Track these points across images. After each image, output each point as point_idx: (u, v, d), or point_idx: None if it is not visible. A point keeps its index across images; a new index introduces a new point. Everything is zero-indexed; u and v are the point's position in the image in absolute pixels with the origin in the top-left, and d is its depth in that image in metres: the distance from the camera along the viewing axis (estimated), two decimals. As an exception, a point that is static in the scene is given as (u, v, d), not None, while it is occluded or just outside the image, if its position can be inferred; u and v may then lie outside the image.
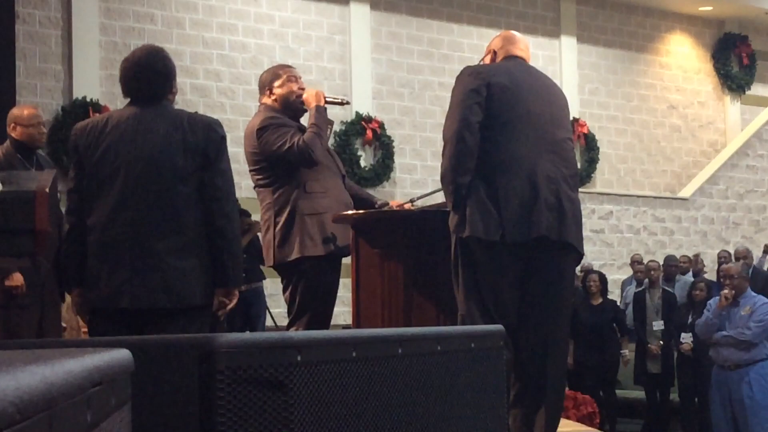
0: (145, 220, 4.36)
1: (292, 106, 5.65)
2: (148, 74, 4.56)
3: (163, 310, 4.35)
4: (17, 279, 5.95)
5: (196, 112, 4.86)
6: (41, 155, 6.50)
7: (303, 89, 5.74)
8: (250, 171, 5.58)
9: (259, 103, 5.81)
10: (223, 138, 4.54)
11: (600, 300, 12.33)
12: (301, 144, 5.36)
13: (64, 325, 7.38)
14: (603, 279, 12.58)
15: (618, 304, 13.10)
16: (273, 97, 5.64)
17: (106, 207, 4.40)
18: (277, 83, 5.67)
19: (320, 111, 5.62)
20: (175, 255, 4.33)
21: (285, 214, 5.39)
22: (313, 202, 5.44)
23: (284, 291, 5.52)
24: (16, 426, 0.69)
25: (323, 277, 5.47)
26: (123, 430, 1.42)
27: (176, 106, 4.80)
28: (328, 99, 5.82)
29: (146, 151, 4.39)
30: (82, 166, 4.50)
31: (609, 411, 12.31)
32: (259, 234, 8.09)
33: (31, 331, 6.11)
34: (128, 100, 4.62)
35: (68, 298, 6.44)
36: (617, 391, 12.35)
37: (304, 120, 5.69)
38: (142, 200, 4.37)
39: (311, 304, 5.44)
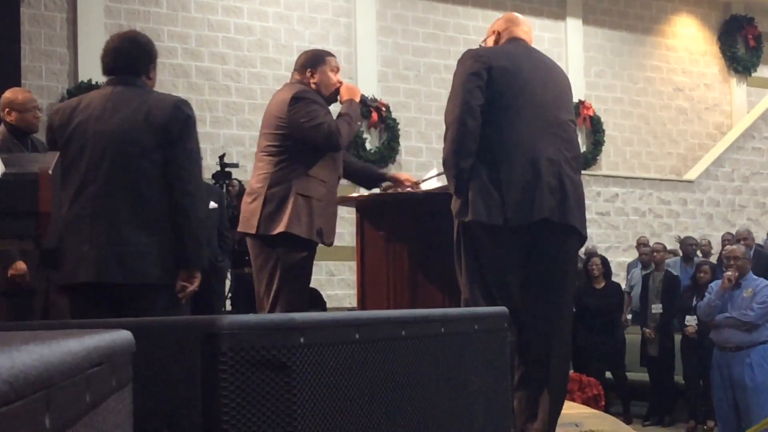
0: (107, 195, 4.36)
1: (327, 95, 5.61)
2: (129, 46, 4.65)
3: (121, 285, 4.34)
4: (20, 267, 5.96)
5: (168, 94, 4.86)
6: (36, 139, 6.47)
7: (341, 82, 5.71)
8: (264, 134, 5.48)
9: (291, 79, 5.74)
10: (189, 117, 4.52)
11: (603, 283, 12.33)
12: (332, 125, 5.33)
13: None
14: (605, 262, 12.57)
15: (623, 287, 13.10)
16: (314, 80, 5.58)
17: (73, 184, 4.42)
18: (321, 67, 5.62)
19: (354, 105, 5.60)
20: (135, 231, 4.32)
21: (279, 188, 5.31)
22: (311, 186, 5.38)
23: (258, 262, 5.41)
24: (11, 405, 0.69)
25: (302, 256, 5.39)
26: (124, 411, 1.42)
27: (181, 89, 4.82)
28: (362, 98, 5.83)
29: (111, 128, 4.41)
30: (55, 145, 4.53)
31: (620, 393, 12.35)
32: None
33: (36, 316, 6.12)
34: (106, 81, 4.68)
35: None
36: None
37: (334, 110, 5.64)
38: (105, 176, 4.38)
39: (291, 282, 5.36)
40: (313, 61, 5.65)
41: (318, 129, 5.31)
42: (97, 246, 4.32)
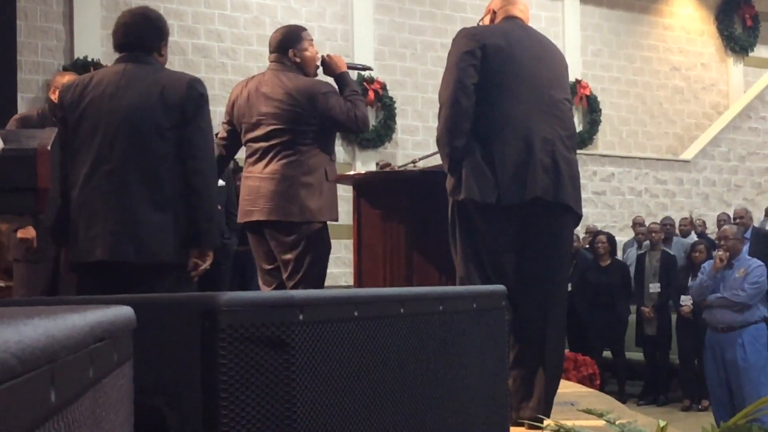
0: (121, 173, 4.36)
1: (311, 71, 5.61)
2: (141, 21, 4.65)
3: (134, 264, 4.34)
4: (30, 231, 6.01)
5: (182, 72, 4.86)
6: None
7: (317, 52, 5.70)
8: (276, 127, 5.42)
9: (270, 61, 5.70)
10: (203, 96, 4.53)
11: (608, 261, 12.39)
12: (359, 113, 5.37)
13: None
14: (611, 240, 12.64)
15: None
16: (297, 59, 5.55)
17: (86, 162, 4.42)
18: (301, 45, 5.60)
19: (347, 77, 5.62)
20: (149, 210, 4.32)
21: (314, 175, 5.32)
22: (333, 170, 5.44)
23: (286, 247, 5.42)
24: (18, 378, 0.69)
25: (328, 239, 5.46)
26: (125, 386, 1.42)
27: (177, 66, 4.83)
28: (349, 64, 5.81)
29: (125, 106, 4.41)
30: (66, 122, 4.53)
31: (616, 373, 12.41)
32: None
33: (40, 288, 6.16)
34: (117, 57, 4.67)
35: None
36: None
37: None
38: (119, 154, 4.38)
39: (319, 269, 5.41)
40: (292, 39, 5.62)
41: (353, 120, 5.35)
42: (111, 224, 4.32)
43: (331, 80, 5.65)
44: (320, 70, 5.71)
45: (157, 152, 4.37)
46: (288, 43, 5.59)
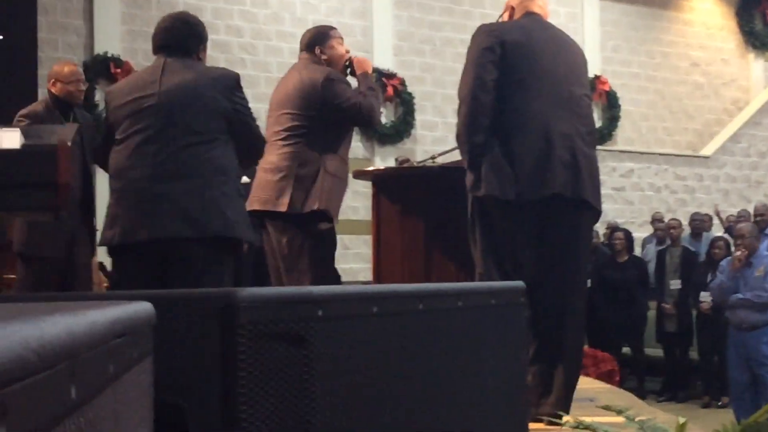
0: (168, 159, 4.41)
1: (338, 69, 5.64)
2: (181, 26, 4.73)
3: (187, 240, 4.37)
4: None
5: (217, 66, 4.99)
6: (78, 111, 6.57)
7: (348, 52, 5.75)
8: (286, 114, 5.49)
9: (300, 58, 5.76)
10: (236, 79, 4.67)
11: (626, 257, 12.37)
12: (366, 104, 5.39)
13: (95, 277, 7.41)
14: (629, 236, 12.62)
15: (643, 262, 13.14)
16: (324, 56, 5.62)
17: (128, 149, 4.47)
18: (329, 43, 5.67)
19: (371, 78, 5.67)
20: (198, 190, 4.37)
21: (309, 167, 5.35)
22: (339, 166, 5.44)
23: (284, 240, 5.43)
24: (38, 375, 0.69)
25: (331, 233, 5.45)
26: (145, 382, 1.43)
27: (197, 62, 4.90)
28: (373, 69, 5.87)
29: (168, 91, 4.48)
30: (109, 120, 4.65)
31: (635, 369, 12.38)
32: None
33: (53, 285, 6.15)
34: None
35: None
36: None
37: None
38: (164, 140, 4.43)
39: (321, 258, 5.40)
40: (320, 37, 5.71)
41: (357, 109, 5.37)
42: (160, 204, 4.36)
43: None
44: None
45: (201, 135, 4.44)
46: (315, 42, 5.68)
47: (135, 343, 1.27)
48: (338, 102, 5.37)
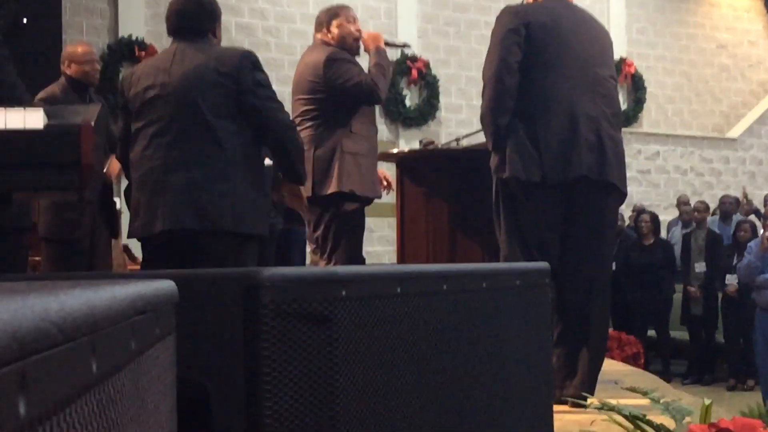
0: (181, 144, 4.37)
1: (348, 47, 5.65)
2: (193, 7, 4.63)
3: (196, 233, 4.36)
4: (114, 166, 6.01)
5: (233, 47, 4.91)
6: (94, 93, 6.55)
7: (360, 31, 5.74)
8: (298, 100, 5.54)
9: (313, 40, 5.79)
10: (255, 63, 4.53)
11: (652, 240, 12.34)
12: (369, 81, 5.38)
13: (113, 262, 7.44)
14: (655, 219, 12.58)
15: (669, 245, 13.10)
16: (331, 36, 5.63)
17: (144, 139, 4.44)
18: (336, 22, 5.67)
19: (381, 53, 5.63)
20: (211, 181, 4.33)
21: (325, 149, 5.37)
22: (356, 143, 5.44)
23: (315, 228, 5.49)
24: (60, 347, 0.69)
25: (356, 213, 5.46)
26: (168, 360, 1.42)
27: (222, 45, 4.83)
28: (387, 41, 5.82)
29: (181, 80, 4.42)
30: (127, 108, 4.57)
31: (661, 352, 12.36)
32: None
33: (78, 269, 6.16)
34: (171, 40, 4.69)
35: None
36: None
37: (362, 62, 5.66)
38: (177, 127, 4.39)
39: (346, 240, 5.43)
40: (329, 16, 5.71)
41: (358, 87, 5.36)
42: (173, 194, 4.33)
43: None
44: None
45: (215, 122, 4.38)
46: (324, 22, 5.70)
47: (157, 321, 1.26)
48: (340, 82, 5.38)
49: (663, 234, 13.59)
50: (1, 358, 0.58)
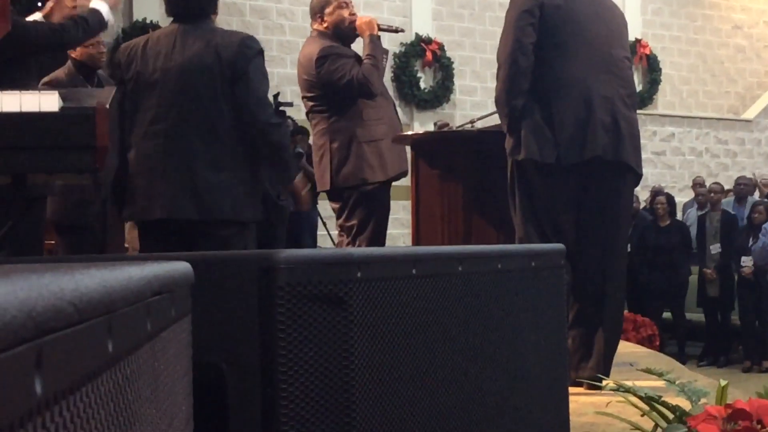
0: (178, 132, 4.36)
1: (343, 33, 5.64)
2: None
3: (194, 222, 4.36)
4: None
5: (235, 31, 4.86)
6: (102, 75, 6.53)
7: (354, 15, 5.71)
8: (303, 97, 5.58)
9: (311, 29, 5.79)
10: (256, 51, 4.49)
11: (668, 221, 12.32)
12: (360, 77, 5.37)
13: (126, 246, 7.46)
14: (671, 200, 12.56)
15: (685, 226, 13.08)
16: (324, 24, 5.63)
17: (143, 122, 4.43)
18: (328, 9, 5.65)
19: (375, 41, 5.61)
20: (207, 167, 4.32)
21: (341, 141, 5.39)
22: (371, 130, 5.45)
23: (338, 217, 5.53)
24: (76, 326, 0.69)
25: (380, 201, 5.48)
26: (184, 341, 1.43)
27: (235, 28, 4.81)
28: (381, 27, 5.80)
29: (180, 66, 4.40)
30: (122, 83, 4.54)
31: (676, 334, 12.35)
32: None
33: (93, 251, 6.17)
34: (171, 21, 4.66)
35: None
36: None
37: (358, 47, 5.66)
38: (175, 113, 4.37)
39: (370, 223, 5.46)
40: (320, 5, 5.70)
41: (349, 84, 5.38)
42: (170, 182, 4.33)
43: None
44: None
45: (213, 110, 4.36)
46: (317, 10, 5.70)
47: (173, 302, 1.27)
48: (333, 80, 5.40)
49: (678, 216, 13.56)
50: (18, 337, 0.58)
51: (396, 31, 6.38)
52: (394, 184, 5.77)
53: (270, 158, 4.51)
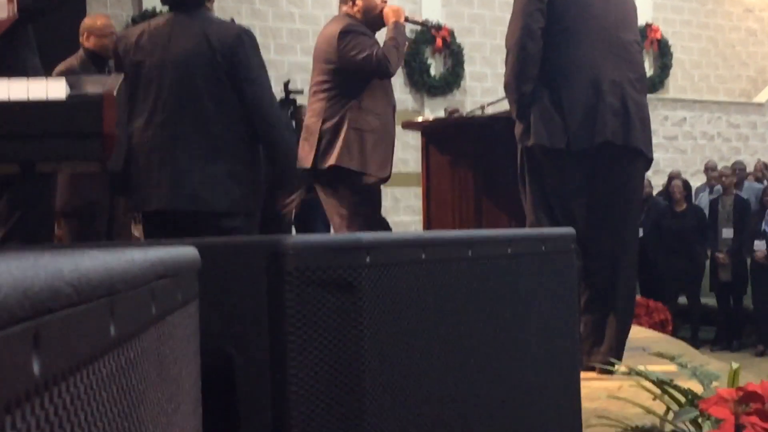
0: (175, 124, 4.36)
1: (372, 19, 5.63)
2: None
3: (190, 213, 4.36)
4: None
5: (231, 20, 4.84)
6: (112, 66, 6.53)
7: (385, 2, 5.72)
8: (315, 69, 5.55)
9: (338, 12, 5.78)
10: (251, 44, 4.48)
11: (684, 206, 12.30)
12: (380, 54, 5.35)
13: (136, 234, 7.47)
14: (687, 185, 12.56)
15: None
16: (356, 8, 5.61)
17: (142, 112, 4.43)
18: None
19: (399, 27, 5.60)
20: (203, 160, 4.33)
21: (332, 123, 5.36)
22: (365, 119, 5.41)
23: (324, 197, 5.48)
24: (74, 308, 0.68)
25: (362, 188, 5.41)
26: (191, 326, 1.42)
27: (245, 16, 4.80)
28: (408, 17, 5.80)
29: (175, 58, 4.39)
30: (122, 71, 4.53)
31: (689, 318, 12.35)
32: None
33: (98, 238, 6.19)
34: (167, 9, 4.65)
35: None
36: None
37: (380, 36, 5.64)
38: (171, 105, 4.38)
39: (358, 214, 5.41)
40: None
41: (368, 60, 5.34)
42: (168, 174, 4.34)
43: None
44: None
45: (209, 103, 4.36)
46: None
47: (179, 286, 1.26)
48: (352, 54, 5.37)
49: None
50: (14, 315, 0.57)
51: (423, 24, 6.38)
52: (405, 170, 5.75)
53: (270, 156, 4.51)
